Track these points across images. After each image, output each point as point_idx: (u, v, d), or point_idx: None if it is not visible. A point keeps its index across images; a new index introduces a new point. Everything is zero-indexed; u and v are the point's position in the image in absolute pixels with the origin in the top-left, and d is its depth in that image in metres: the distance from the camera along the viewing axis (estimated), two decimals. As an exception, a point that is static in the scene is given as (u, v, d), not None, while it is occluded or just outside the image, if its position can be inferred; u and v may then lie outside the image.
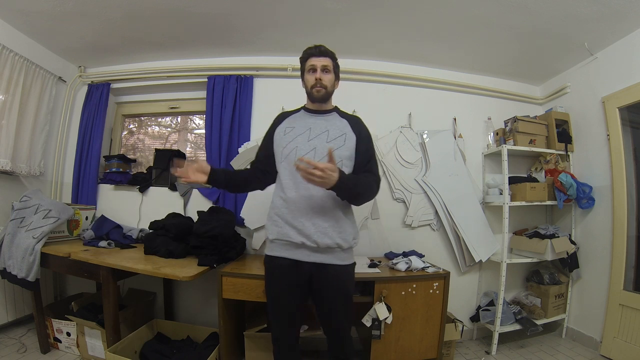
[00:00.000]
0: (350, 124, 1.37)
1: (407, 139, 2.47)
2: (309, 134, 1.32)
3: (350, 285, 1.36)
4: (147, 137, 2.98)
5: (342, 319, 1.33)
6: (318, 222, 1.25)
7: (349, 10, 1.96)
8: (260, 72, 2.48)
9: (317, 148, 1.29)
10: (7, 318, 2.15)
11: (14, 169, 2.20)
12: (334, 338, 1.36)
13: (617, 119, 2.13)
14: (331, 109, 1.43)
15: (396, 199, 2.42)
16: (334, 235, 1.26)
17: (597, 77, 2.28)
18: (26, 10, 2.00)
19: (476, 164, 2.58)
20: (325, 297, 1.31)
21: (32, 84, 2.29)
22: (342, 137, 1.32)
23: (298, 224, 1.25)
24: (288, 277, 1.28)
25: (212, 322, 2.05)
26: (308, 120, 1.38)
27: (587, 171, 2.37)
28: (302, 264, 1.27)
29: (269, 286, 1.34)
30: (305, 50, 1.38)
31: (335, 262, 1.28)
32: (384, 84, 2.54)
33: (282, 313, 1.32)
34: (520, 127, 2.36)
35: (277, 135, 1.38)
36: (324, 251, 1.27)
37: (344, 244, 1.29)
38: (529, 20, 1.96)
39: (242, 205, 2.32)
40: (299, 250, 1.27)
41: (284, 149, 1.32)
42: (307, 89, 1.37)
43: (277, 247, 1.31)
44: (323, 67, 1.34)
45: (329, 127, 1.34)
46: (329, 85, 1.36)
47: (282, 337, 1.34)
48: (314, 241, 1.24)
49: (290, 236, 1.26)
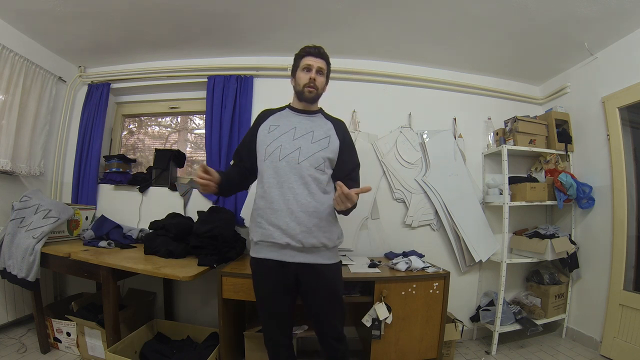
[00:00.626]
0: (334, 127, 1.38)
1: (407, 139, 2.47)
2: (294, 133, 1.31)
3: (339, 284, 1.36)
4: (147, 137, 2.98)
5: (332, 319, 1.32)
6: (303, 221, 1.23)
7: (350, 10, 1.96)
8: (260, 72, 2.48)
9: (302, 148, 1.28)
10: (7, 318, 2.15)
11: (14, 169, 2.20)
12: (326, 339, 1.34)
13: (617, 119, 2.13)
14: (316, 110, 1.43)
15: (396, 199, 2.42)
16: (319, 234, 1.26)
17: (597, 77, 2.28)
18: (26, 10, 2.00)
19: (476, 164, 2.58)
20: (314, 298, 1.30)
21: (32, 84, 2.29)
22: (327, 139, 1.32)
23: (282, 224, 1.23)
24: (274, 278, 1.28)
25: (212, 322, 2.05)
26: (293, 119, 1.37)
27: (587, 171, 2.37)
28: (287, 264, 1.26)
29: (257, 288, 1.34)
30: (303, 47, 1.38)
31: (321, 262, 1.28)
32: (384, 84, 2.54)
33: (272, 314, 1.32)
34: (520, 127, 2.36)
35: (261, 133, 1.36)
36: (310, 251, 1.26)
37: (329, 243, 1.29)
38: (529, 20, 1.96)
39: (242, 205, 2.32)
40: (284, 251, 1.26)
41: (268, 147, 1.30)
42: (297, 86, 1.37)
43: (261, 249, 1.29)
44: (318, 68, 1.35)
45: (314, 127, 1.34)
46: (320, 87, 1.36)
47: (274, 338, 1.34)
48: (298, 241, 1.23)
49: (274, 237, 1.24)
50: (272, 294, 1.29)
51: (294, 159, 1.27)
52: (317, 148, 1.29)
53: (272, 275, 1.28)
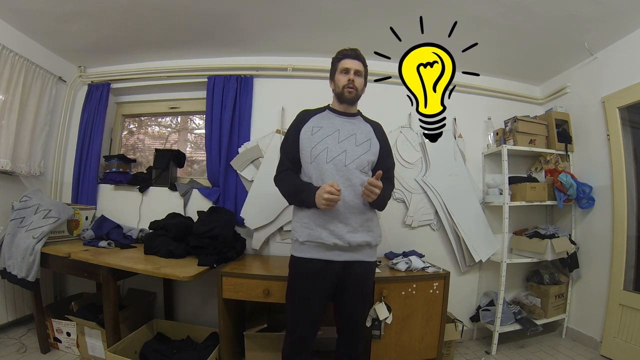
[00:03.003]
0: (374, 129, 1.42)
1: (407, 139, 2.47)
2: (338, 136, 1.34)
3: (372, 281, 1.44)
4: (147, 137, 2.98)
5: (362, 316, 1.39)
6: (349, 222, 1.28)
7: (349, 10, 1.96)
8: (260, 72, 2.48)
9: (347, 151, 1.31)
10: (7, 318, 2.15)
11: (14, 169, 2.20)
12: (350, 335, 1.37)
13: (617, 119, 2.13)
14: (356, 113, 1.45)
15: (396, 199, 2.42)
16: (364, 233, 1.31)
17: (597, 77, 2.28)
18: (26, 10, 1.99)
19: (476, 164, 2.58)
20: (350, 294, 1.34)
21: (32, 84, 2.29)
22: (368, 142, 1.36)
23: (331, 226, 1.27)
24: (318, 278, 1.29)
25: (212, 322, 2.05)
26: (335, 121, 1.39)
27: (587, 171, 2.37)
28: (332, 263, 1.29)
29: (298, 287, 1.33)
30: (340, 51, 1.42)
31: (363, 259, 1.33)
32: (384, 84, 2.54)
33: (309, 313, 1.32)
34: (520, 127, 2.36)
35: (304, 135, 1.36)
36: (355, 249, 1.30)
37: (373, 242, 1.34)
38: (529, 20, 1.96)
39: (242, 205, 2.32)
40: (331, 252, 1.29)
41: (313, 149, 1.31)
42: (337, 89, 1.39)
43: (307, 249, 1.30)
44: (356, 70, 1.37)
45: (356, 130, 1.37)
46: (359, 88, 1.39)
47: (303, 337, 1.33)
48: (346, 241, 1.27)
49: (322, 238, 1.27)
50: (313, 293, 1.30)
51: (341, 161, 1.29)
52: (362, 151, 1.33)
53: (316, 275, 1.29)
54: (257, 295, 1.68)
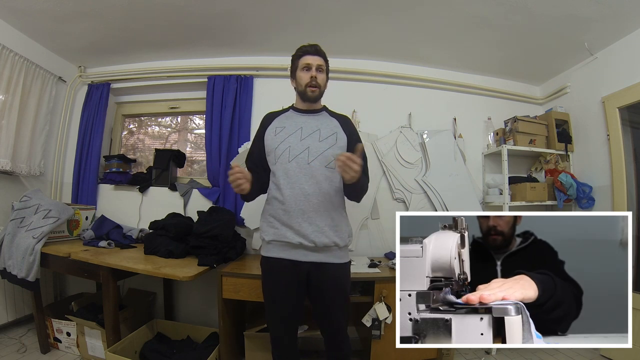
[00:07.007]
0: (340, 123, 1.38)
1: (407, 139, 2.47)
2: (301, 134, 1.32)
3: (347, 283, 1.37)
4: (147, 137, 2.98)
5: (339, 318, 1.33)
6: (315, 221, 1.25)
7: (349, 10, 1.96)
8: (260, 72, 2.48)
9: (310, 147, 1.29)
10: (7, 318, 2.15)
11: (14, 169, 2.20)
12: (331, 337, 1.35)
13: (617, 119, 2.13)
14: (320, 108, 1.43)
15: (396, 199, 2.42)
16: (331, 234, 1.27)
17: (597, 77, 2.28)
18: (26, 10, 1.99)
19: (476, 164, 2.58)
20: (323, 296, 1.31)
21: (32, 84, 2.29)
22: (334, 136, 1.33)
23: (295, 224, 1.24)
24: (286, 278, 1.28)
25: (212, 322, 2.05)
26: (298, 119, 1.37)
27: (587, 171, 2.37)
28: (299, 263, 1.26)
29: (267, 287, 1.34)
30: (299, 47, 1.38)
31: (333, 261, 1.29)
32: (384, 84, 2.54)
33: (281, 313, 1.31)
34: (520, 127, 2.36)
35: (268, 136, 1.36)
36: (322, 250, 1.27)
37: (341, 242, 1.30)
38: (529, 21, 1.96)
39: (242, 205, 2.32)
40: (297, 251, 1.26)
41: (277, 150, 1.31)
42: (299, 87, 1.36)
43: (274, 248, 1.30)
44: (318, 66, 1.34)
45: (320, 126, 1.34)
46: (322, 84, 1.36)
47: (281, 337, 1.34)
48: (311, 241, 1.24)
49: (287, 237, 1.25)
50: (283, 293, 1.29)
51: (304, 159, 1.27)
52: (326, 146, 1.30)
53: (284, 274, 1.28)
54: (257, 295, 1.67)
